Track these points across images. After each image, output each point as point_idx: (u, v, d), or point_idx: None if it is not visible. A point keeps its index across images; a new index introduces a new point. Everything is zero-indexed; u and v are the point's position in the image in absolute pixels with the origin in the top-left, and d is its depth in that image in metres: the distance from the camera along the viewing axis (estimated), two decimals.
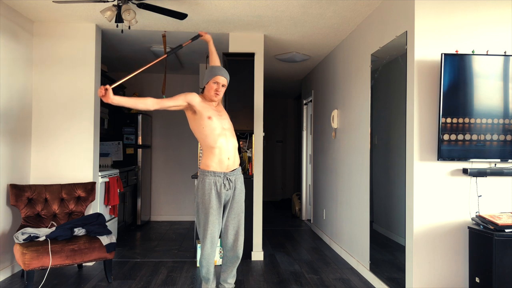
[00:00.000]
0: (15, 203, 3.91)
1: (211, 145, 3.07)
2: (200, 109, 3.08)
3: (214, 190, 3.05)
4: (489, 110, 3.04)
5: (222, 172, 3.07)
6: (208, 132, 3.07)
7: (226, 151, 3.09)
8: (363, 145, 4.20)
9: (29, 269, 3.41)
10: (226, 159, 3.08)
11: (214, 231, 3.08)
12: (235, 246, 3.18)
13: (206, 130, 3.07)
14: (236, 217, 3.16)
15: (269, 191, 9.54)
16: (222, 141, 3.07)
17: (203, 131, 3.08)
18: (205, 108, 3.10)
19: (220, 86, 3.15)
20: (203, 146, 3.12)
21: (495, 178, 3.16)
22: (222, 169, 3.08)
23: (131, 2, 3.56)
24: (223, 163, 3.08)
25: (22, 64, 4.25)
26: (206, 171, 3.07)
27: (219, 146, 3.06)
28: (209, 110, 3.11)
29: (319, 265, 4.47)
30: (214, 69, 3.18)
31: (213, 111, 3.14)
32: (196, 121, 3.11)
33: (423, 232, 3.13)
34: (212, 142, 3.06)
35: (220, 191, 3.07)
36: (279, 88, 8.47)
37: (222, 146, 3.07)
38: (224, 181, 3.07)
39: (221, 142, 3.07)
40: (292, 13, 4.09)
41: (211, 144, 3.07)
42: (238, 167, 3.22)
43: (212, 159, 3.07)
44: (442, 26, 3.14)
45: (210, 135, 3.06)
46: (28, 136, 4.36)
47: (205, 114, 3.07)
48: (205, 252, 3.10)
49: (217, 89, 3.13)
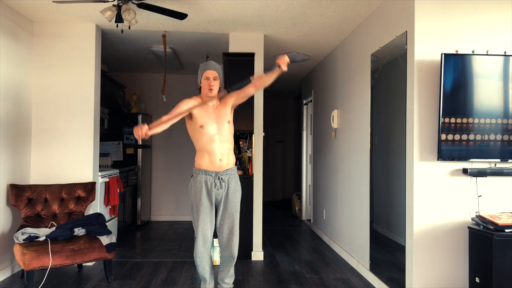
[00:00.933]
0: (15, 203, 3.91)
1: (201, 148, 3.14)
2: (195, 114, 3.10)
3: (204, 189, 3.09)
4: (489, 110, 3.04)
5: (214, 171, 3.11)
6: (198, 137, 3.13)
7: (217, 154, 3.11)
8: (363, 145, 4.20)
9: (29, 269, 3.41)
10: (217, 160, 3.12)
11: (205, 229, 3.10)
12: (229, 246, 3.19)
13: (197, 135, 3.13)
14: (230, 216, 3.17)
15: (269, 191, 9.53)
16: (213, 146, 3.10)
17: (195, 136, 3.15)
18: (201, 115, 3.10)
19: (212, 80, 3.13)
20: (195, 146, 3.18)
21: (495, 178, 3.16)
22: (214, 168, 3.11)
23: (131, 2, 3.56)
24: (215, 163, 3.11)
25: (22, 64, 4.24)
26: (198, 169, 3.14)
27: (208, 150, 3.11)
28: (204, 117, 3.10)
29: (319, 265, 4.47)
30: (202, 66, 3.21)
31: (207, 117, 3.11)
32: (190, 125, 3.17)
33: (423, 232, 3.13)
34: (202, 146, 3.13)
35: (210, 190, 3.10)
36: (279, 88, 8.47)
37: (212, 151, 3.10)
38: (216, 180, 3.10)
39: (212, 147, 3.10)
40: (292, 13, 4.09)
41: (201, 147, 3.14)
42: (232, 166, 3.22)
43: (203, 159, 3.13)
44: (442, 26, 3.14)
45: (201, 140, 3.12)
46: (28, 136, 4.36)
47: (199, 122, 3.09)
48: (198, 250, 3.13)
49: (209, 84, 3.13)
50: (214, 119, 3.13)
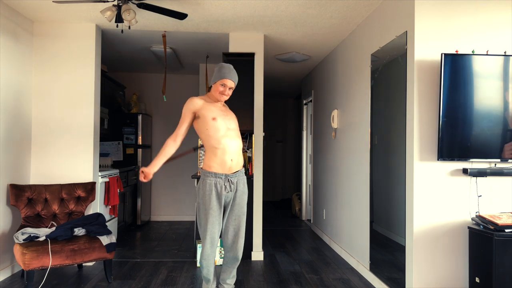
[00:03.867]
0: (15, 203, 3.91)
1: (214, 146, 3.05)
2: (204, 112, 3.07)
3: (214, 192, 3.04)
4: (489, 110, 3.04)
5: (224, 173, 3.05)
6: (212, 133, 3.05)
7: (229, 153, 3.06)
8: (363, 145, 4.20)
9: (29, 269, 3.41)
10: (229, 161, 3.06)
11: (214, 232, 3.08)
12: (235, 248, 3.17)
13: (210, 131, 3.05)
14: (237, 218, 3.15)
15: (269, 191, 9.54)
16: (225, 141, 3.05)
17: (207, 132, 3.06)
18: (209, 110, 3.08)
19: (227, 89, 3.12)
20: (206, 146, 3.10)
21: (495, 178, 3.16)
22: (224, 170, 3.05)
23: (131, 2, 3.56)
24: (225, 165, 3.06)
25: (22, 64, 4.25)
26: (208, 172, 3.06)
27: (222, 147, 3.04)
28: (214, 111, 3.09)
29: (319, 265, 4.47)
30: (223, 70, 3.12)
31: (218, 111, 3.11)
32: (200, 123, 3.10)
33: (423, 232, 3.13)
34: (216, 143, 3.05)
35: (220, 193, 3.05)
36: (279, 88, 8.47)
37: (225, 147, 3.04)
38: (225, 183, 3.06)
39: (225, 143, 3.05)
40: (292, 13, 4.09)
41: (215, 145, 3.05)
42: (241, 168, 3.19)
43: (214, 160, 3.05)
44: (442, 26, 3.14)
45: (214, 136, 3.05)
46: (28, 136, 4.36)
47: (209, 116, 3.05)
48: (205, 253, 3.10)
49: (223, 91, 3.11)
50: (224, 115, 3.13)
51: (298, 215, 7.64)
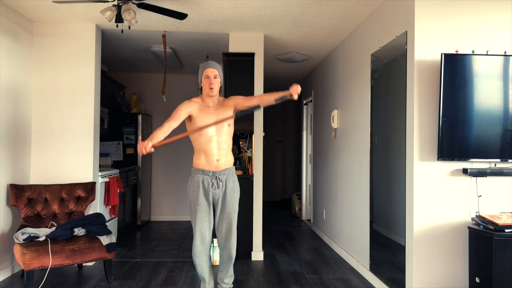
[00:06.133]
0: (15, 203, 3.91)
1: (198, 149, 3.16)
2: (196, 117, 3.11)
3: (202, 188, 3.12)
4: (489, 110, 3.04)
5: (211, 170, 3.12)
6: (196, 137, 3.13)
7: (215, 155, 3.12)
8: (363, 145, 4.20)
9: (29, 269, 3.41)
10: (214, 161, 3.13)
11: (203, 228, 3.12)
12: (227, 246, 3.21)
13: (195, 136, 3.13)
14: (228, 216, 3.18)
15: (269, 191, 9.53)
16: (210, 147, 3.12)
17: (194, 136, 3.15)
18: (200, 116, 3.11)
19: (212, 78, 3.14)
20: (194, 147, 3.19)
21: (495, 178, 3.16)
22: (211, 167, 3.12)
23: (131, 2, 3.56)
24: (212, 163, 3.13)
25: (22, 64, 4.24)
26: (195, 169, 3.16)
27: (205, 151, 3.12)
28: (203, 118, 3.10)
29: (319, 265, 4.47)
30: (202, 65, 3.23)
31: (207, 118, 3.09)
32: (189, 126, 3.18)
33: (423, 232, 3.13)
34: (200, 147, 3.14)
35: (207, 189, 3.12)
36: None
37: (209, 151, 3.11)
38: (213, 180, 3.12)
39: (209, 148, 3.12)
40: (292, 13, 4.09)
41: (199, 148, 3.15)
42: (230, 166, 3.22)
43: (200, 159, 3.15)
44: (442, 26, 3.14)
45: (199, 141, 3.13)
46: (28, 136, 4.36)
47: (198, 123, 3.10)
48: (196, 250, 3.15)
49: (210, 82, 3.13)
50: (216, 117, 3.12)
51: (298, 215, 7.63)
